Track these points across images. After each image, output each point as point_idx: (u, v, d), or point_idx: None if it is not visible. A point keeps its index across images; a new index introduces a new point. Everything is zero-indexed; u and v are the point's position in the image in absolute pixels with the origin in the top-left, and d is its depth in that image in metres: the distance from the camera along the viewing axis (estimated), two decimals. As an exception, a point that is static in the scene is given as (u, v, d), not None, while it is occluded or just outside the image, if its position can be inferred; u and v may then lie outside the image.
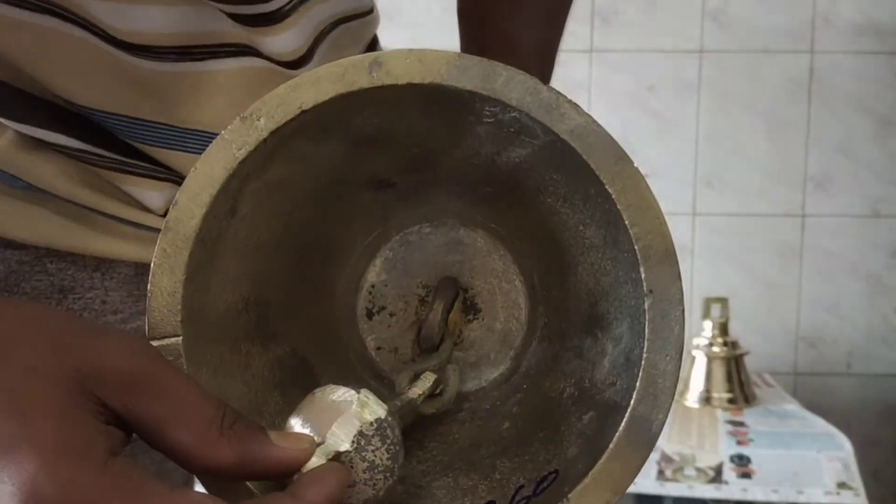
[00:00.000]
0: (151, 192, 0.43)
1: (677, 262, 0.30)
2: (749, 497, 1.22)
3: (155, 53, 0.41)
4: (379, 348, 0.39)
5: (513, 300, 0.40)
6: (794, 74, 1.67)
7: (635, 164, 0.30)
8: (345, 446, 0.29)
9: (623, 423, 0.30)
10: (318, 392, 0.30)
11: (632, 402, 0.30)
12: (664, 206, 0.29)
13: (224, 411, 0.28)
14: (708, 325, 1.48)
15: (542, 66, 0.62)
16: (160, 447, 0.28)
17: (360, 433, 0.29)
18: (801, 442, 1.28)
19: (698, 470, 1.24)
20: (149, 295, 0.31)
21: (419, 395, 0.35)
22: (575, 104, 0.30)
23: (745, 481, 1.22)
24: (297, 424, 0.30)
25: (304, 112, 0.30)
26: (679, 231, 1.69)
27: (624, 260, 0.32)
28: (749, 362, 1.50)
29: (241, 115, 0.30)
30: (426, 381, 0.36)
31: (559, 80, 1.94)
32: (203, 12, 0.41)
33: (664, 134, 1.69)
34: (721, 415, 1.38)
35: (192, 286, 0.31)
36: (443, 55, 0.30)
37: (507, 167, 0.35)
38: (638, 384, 0.30)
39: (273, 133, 0.30)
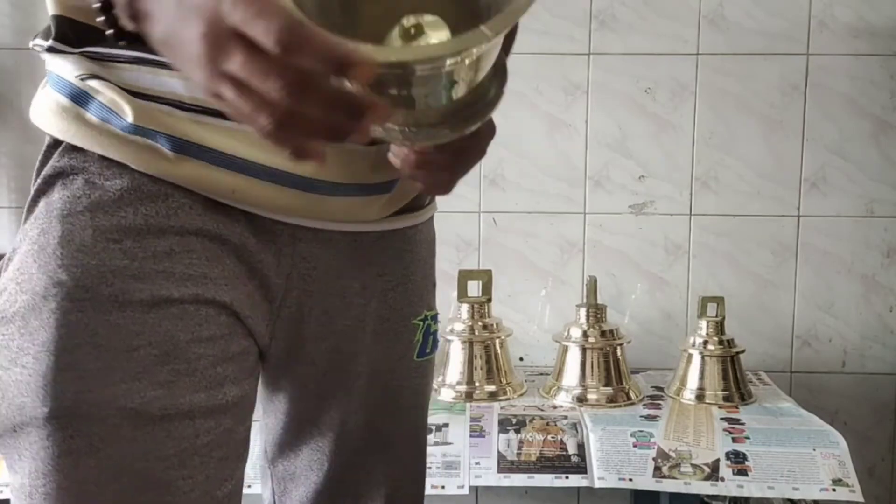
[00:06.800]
0: None
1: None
2: (745, 493, 1.23)
3: None
4: None
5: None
6: (790, 76, 1.69)
7: None
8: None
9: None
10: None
11: None
12: (661, 206, 0.32)
13: None
14: (704, 324, 1.49)
15: None
16: None
17: None
18: (796, 439, 1.29)
19: (695, 466, 1.24)
20: None
21: None
22: None
23: (741, 478, 1.23)
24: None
25: None
26: (676, 231, 1.71)
27: None
28: (745, 360, 1.51)
29: None
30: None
31: (559, 81, 1.94)
32: None
33: (661, 135, 1.70)
34: (717, 412, 1.39)
35: None
36: None
37: None
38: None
39: None
